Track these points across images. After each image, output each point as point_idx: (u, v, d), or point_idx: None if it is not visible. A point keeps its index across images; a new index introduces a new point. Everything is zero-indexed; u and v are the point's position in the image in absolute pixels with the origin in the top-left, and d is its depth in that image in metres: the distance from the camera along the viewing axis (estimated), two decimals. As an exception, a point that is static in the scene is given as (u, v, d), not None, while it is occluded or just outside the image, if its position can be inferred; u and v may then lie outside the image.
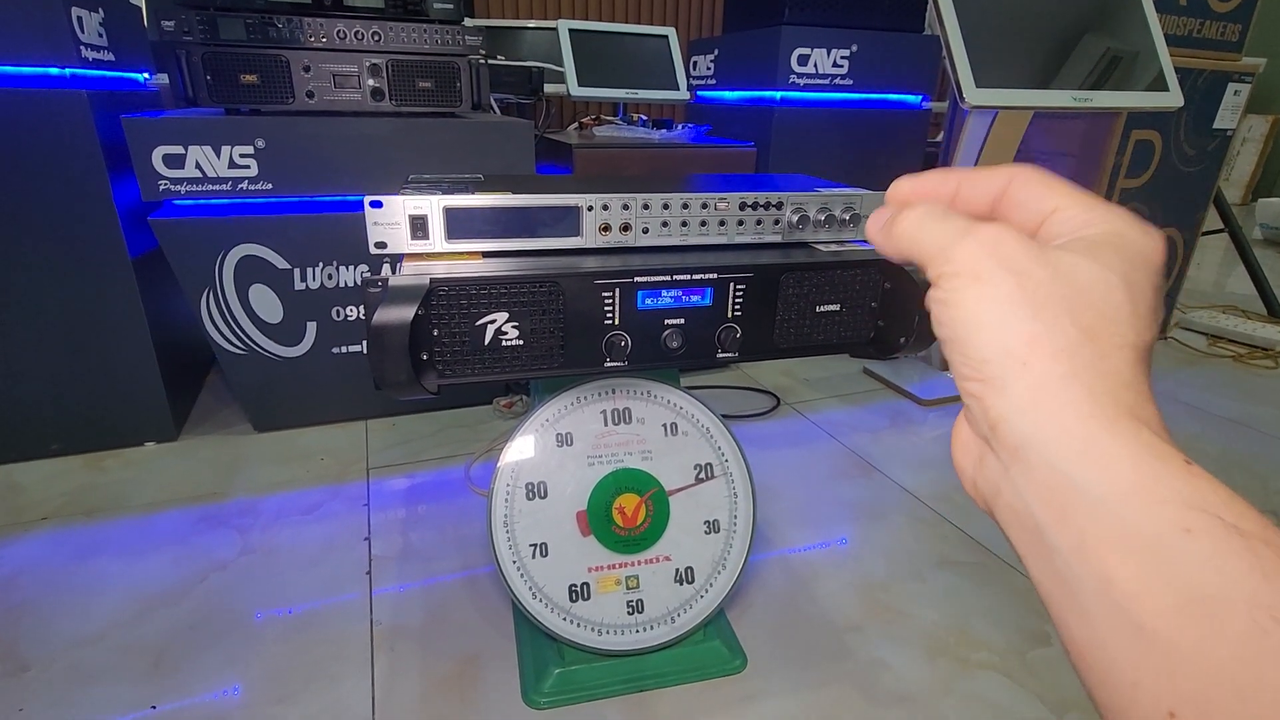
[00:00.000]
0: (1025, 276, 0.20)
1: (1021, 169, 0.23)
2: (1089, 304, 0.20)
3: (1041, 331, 0.19)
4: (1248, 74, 1.44)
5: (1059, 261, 0.20)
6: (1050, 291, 0.20)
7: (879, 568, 0.82)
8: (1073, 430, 0.18)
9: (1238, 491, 0.18)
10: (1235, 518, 0.17)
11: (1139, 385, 0.19)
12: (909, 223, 0.23)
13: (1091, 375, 0.19)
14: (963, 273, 0.21)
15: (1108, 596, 0.17)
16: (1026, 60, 1.06)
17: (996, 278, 0.20)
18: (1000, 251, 0.20)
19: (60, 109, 0.86)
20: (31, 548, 0.82)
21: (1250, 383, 1.39)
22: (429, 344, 0.46)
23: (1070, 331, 0.19)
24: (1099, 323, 0.19)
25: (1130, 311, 0.20)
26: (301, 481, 0.97)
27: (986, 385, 0.20)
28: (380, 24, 0.97)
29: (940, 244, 0.22)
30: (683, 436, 0.63)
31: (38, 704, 0.62)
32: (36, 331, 0.95)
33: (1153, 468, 0.18)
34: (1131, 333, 0.20)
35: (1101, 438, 0.18)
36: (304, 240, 1.00)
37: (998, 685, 0.65)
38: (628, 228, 0.52)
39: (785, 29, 1.43)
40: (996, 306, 0.20)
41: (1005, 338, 0.20)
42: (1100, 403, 0.19)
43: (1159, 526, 0.17)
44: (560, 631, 0.61)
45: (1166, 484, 0.17)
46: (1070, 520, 0.18)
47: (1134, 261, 0.20)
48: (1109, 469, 0.18)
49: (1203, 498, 0.17)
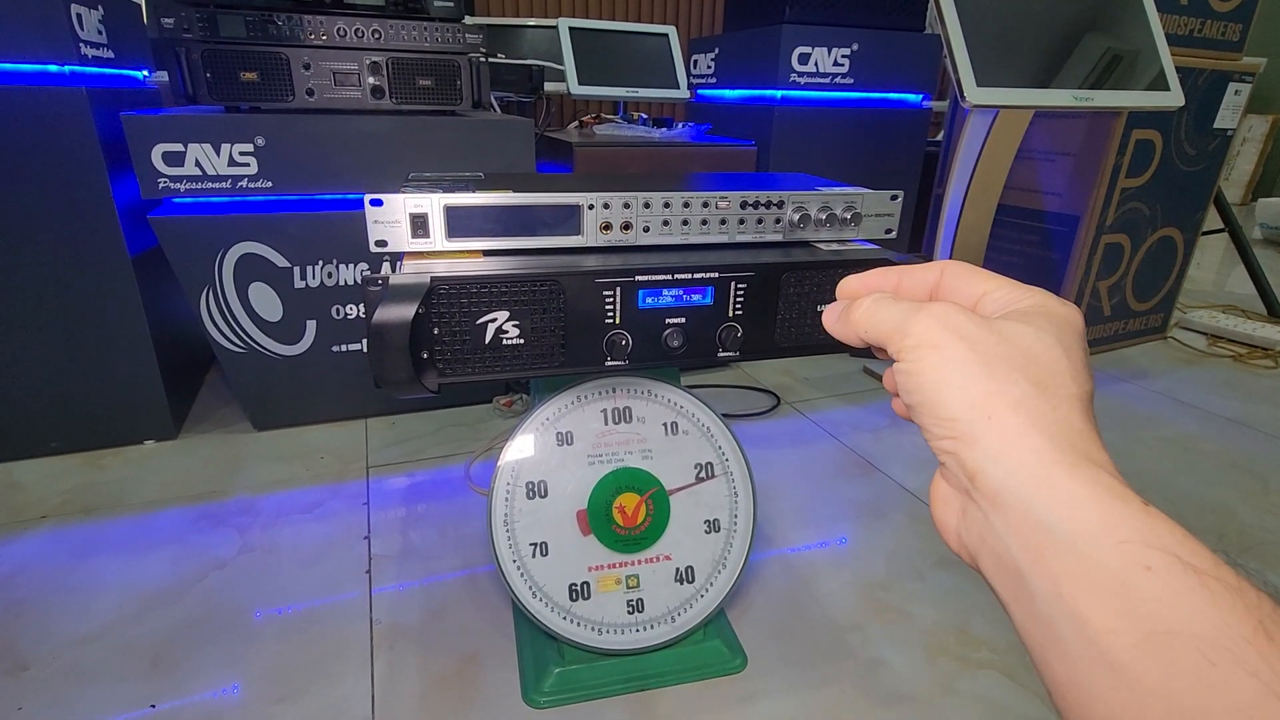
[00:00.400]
0: (975, 342, 0.23)
1: (950, 263, 0.27)
2: (1034, 362, 0.22)
3: (998, 388, 0.22)
4: (1248, 74, 1.44)
5: (1002, 329, 0.23)
6: (999, 353, 0.22)
7: (879, 567, 0.82)
8: (1040, 475, 0.20)
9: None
10: (1190, 555, 0.18)
11: (1089, 432, 0.21)
12: (864, 309, 0.27)
13: (1048, 424, 0.21)
14: (921, 343, 0.23)
15: (1083, 634, 0.19)
16: (1027, 59, 1.06)
17: (951, 344, 0.23)
18: (950, 323, 0.23)
19: (60, 106, 0.86)
20: (31, 546, 0.82)
21: (1250, 383, 1.39)
22: (429, 342, 0.46)
23: (1023, 386, 0.22)
24: (1046, 378, 0.22)
25: (1068, 367, 0.22)
26: (301, 480, 0.97)
27: (959, 441, 0.22)
28: (381, 22, 0.97)
29: (896, 322, 0.25)
30: (683, 435, 0.63)
31: (37, 703, 0.62)
32: (36, 329, 0.94)
33: (1114, 508, 0.19)
34: (1074, 385, 0.22)
35: (1065, 481, 0.20)
36: (304, 238, 1.00)
37: (998, 684, 0.65)
38: (629, 226, 0.52)
39: (786, 28, 1.42)
40: (956, 369, 0.22)
41: (968, 395, 0.22)
42: (1060, 449, 0.20)
43: (1122, 564, 0.18)
44: (560, 631, 0.61)
45: (1128, 524, 0.19)
46: (1046, 561, 0.20)
47: (1062, 327, 0.23)
48: (1075, 510, 0.19)
49: (1160, 537, 0.18)
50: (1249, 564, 0.83)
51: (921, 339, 0.23)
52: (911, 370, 0.24)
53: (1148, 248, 1.49)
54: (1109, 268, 1.45)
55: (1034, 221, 1.45)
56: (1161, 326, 1.64)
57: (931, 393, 0.23)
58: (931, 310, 0.24)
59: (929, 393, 0.23)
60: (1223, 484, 1.00)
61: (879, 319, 0.26)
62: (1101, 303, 1.48)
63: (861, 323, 0.27)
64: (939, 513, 0.26)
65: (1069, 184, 1.37)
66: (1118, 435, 1.16)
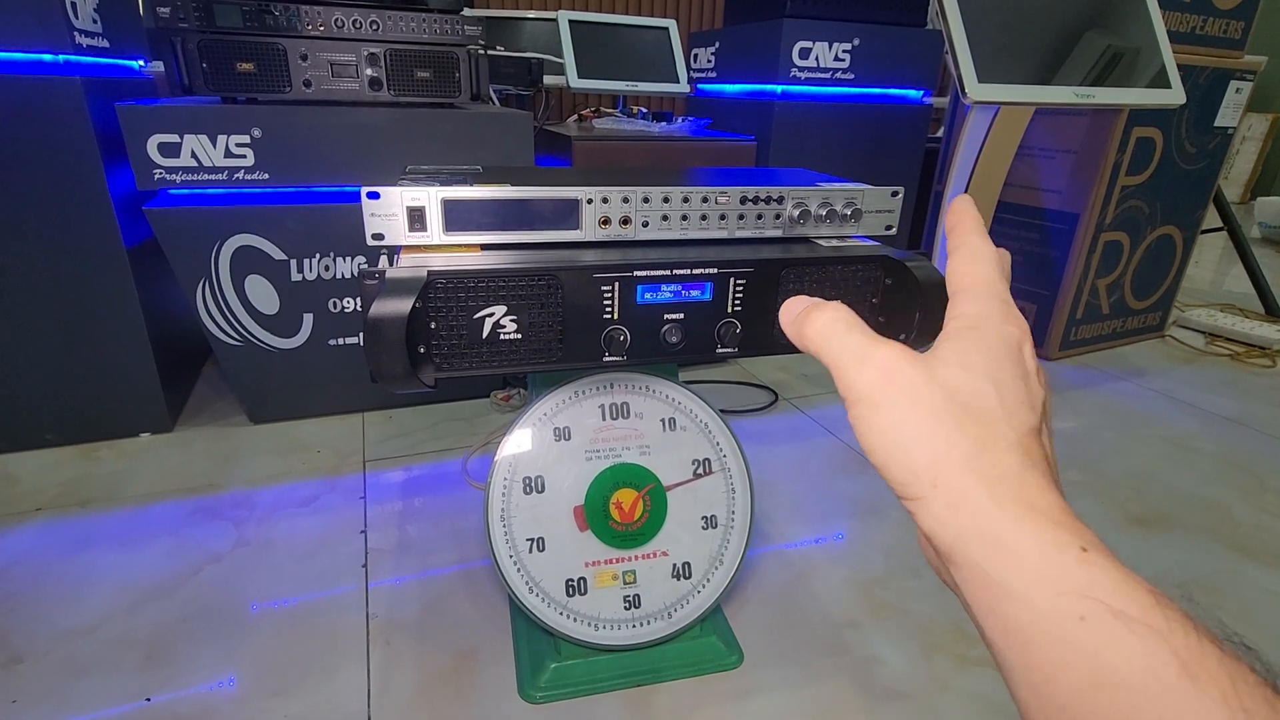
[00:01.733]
0: (916, 400, 0.23)
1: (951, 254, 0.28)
2: (972, 417, 0.22)
3: (940, 451, 0.22)
4: (1250, 72, 1.43)
5: (943, 379, 0.23)
6: (939, 411, 0.22)
7: (876, 563, 0.82)
8: (986, 534, 0.21)
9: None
10: (1122, 603, 0.19)
11: (1031, 479, 0.22)
12: (817, 329, 0.26)
13: (989, 481, 0.21)
14: (863, 400, 0.24)
15: (1029, 683, 0.20)
16: (1029, 56, 1.06)
17: (893, 406, 0.23)
18: (892, 379, 0.23)
19: (54, 96, 0.85)
20: (25, 538, 0.82)
21: (1247, 381, 1.39)
22: (426, 337, 0.45)
23: (964, 446, 0.22)
24: (983, 431, 0.22)
25: (1004, 414, 0.23)
26: (297, 474, 0.97)
27: (914, 504, 0.23)
28: (379, 13, 0.96)
29: (843, 364, 0.25)
30: (681, 432, 0.63)
31: (31, 695, 0.61)
32: (30, 321, 0.94)
33: (1052, 559, 0.20)
34: (1011, 432, 0.22)
35: (1006, 536, 0.21)
36: (301, 231, 0.99)
37: (994, 682, 0.65)
38: (627, 221, 0.52)
39: (787, 22, 1.42)
40: (898, 433, 0.23)
41: (912, 463, 0.22)
42: (1002, 503, 0.21)
43: (1059, 616, 0.19)
44: (557, 626, 0.61)
45: (1065, 575, 0.20)
46: (997, 614, 0.21)
47: (999, 360, 0.24)
48: (1016, 564, 0.20)
49: (1092, 585, 0.19)
50: (1245, 565, 0.83)
51: (863, 396, 0.24)
52: (859, 430, 0.24)
53: (1147, 246, 1.49)
54: (1108, 266, 1.45)
55: (1034, 219, 1.45)
56: (1160, 325, 1.64)
57: (881, 455, 0.23)
58: (876, 360, 0.24)
59: (879, 455, 0.23)
60: (1219, 482, 1.00)
61: (829, 345, 0.25)
62: (1100, 300, 1.48)
63: (814, 340, 0.26)
64: (924, 550, 0.26)
65: (1069, 181, 1.37)
66: (1115, 433, 1.16)
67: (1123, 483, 1.01)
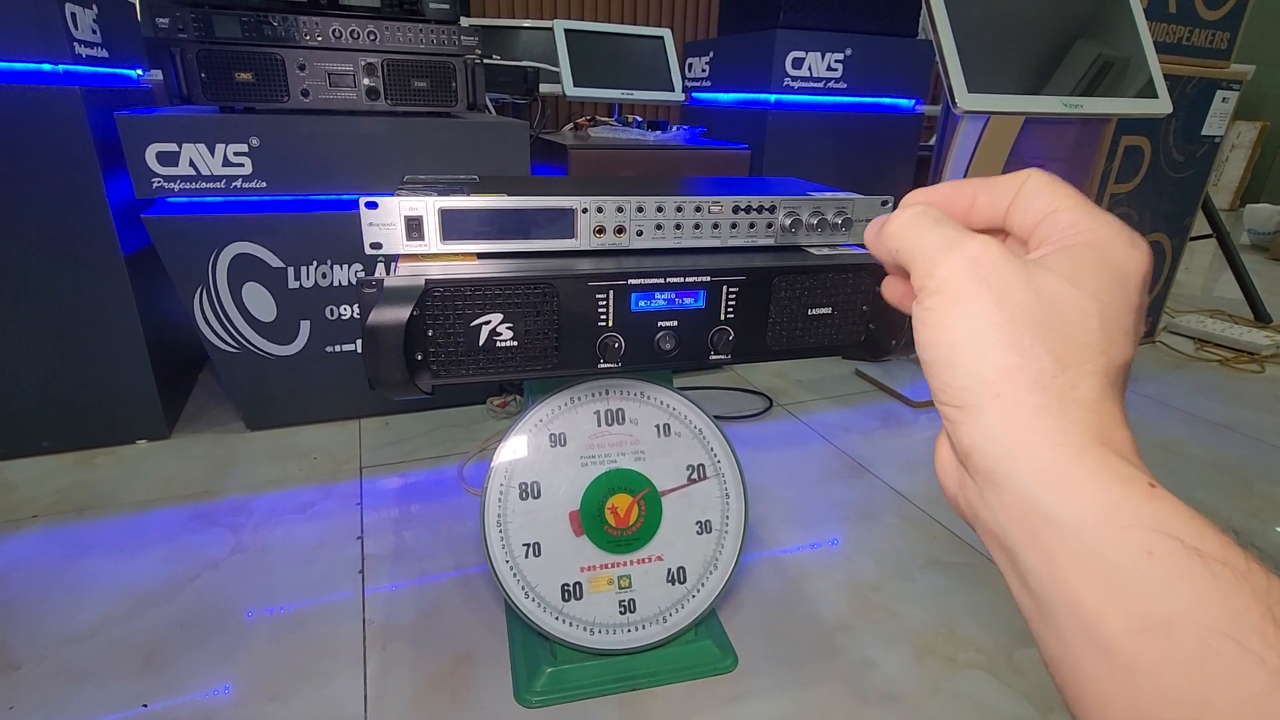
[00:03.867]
0: (1005, 297, 0.20)
1: (1033, 173, 0.24)
2: (1064, 331, 0.20)
3: (1016, 362, 0.20)
4: (1236, 81, 1.45)
5: (1041, 284, 0.20)
6: (1026, 316, 0.20)
7: (869, 568, 0.82)
8: (1042, 458, 0.19)
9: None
10: (1196, 539, 0.17)
11: (1108, 409, 0.20)
12: (900, 222, 0.23)
13: (1062, 404, 0.19)
14: (944, 290, 0.21)
15: (1077, 617, 0.18)
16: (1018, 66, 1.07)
17: (976, 298, 0.20)
18: (982, 270, 0.21)
19: (53, 106, 0.86)
20: (22, 545, 0.82)
21: (1236, 387, 1.40)
22: (424, 344, 0.46)
23: (1044, 361, 0.20)
24: (1072, 350, 0.20)
25: (1102, 338, 0.20)
26: (294, 480, 0.97)
27: (962, 411, 0.21)
28: (376, 23, 0.97)
29: (927, 254, 0.22)
30: (675, 437, 0.63)
31: (28, 702, 0.62)
32: (28, 328, 0.94)
33: (1118, 493, 0.18)
34: (1103, 359, 0.20)
35: (1069, 466, 0.19)
36: (298, 239, 1.00)
37: (985, 684, 0.66)
38: (622, 230, 0.53)
39: (780, 32, 1.43)
40: (974, 331, 0.20)
41: (981, 367, 0.20)
42: (1069, 431, 0.19)
43: (1123, 550, 0.17)
44: (552, 630, 0.61)
45: (1130, 508, 0.18)
46: (1041, 543, 0.19)
47: (1114, 280, 0.21)
48: (1076, 495, 0.18)
49: (1165, 521, 0.17)
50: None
51: (945, 284, 0.21)
52: (927, 320, 0.22)
53: (1136, 253, 1.51)
54: (1098, 272, 1.46)
55: (1024, 226, 1.46)
56: (1149, 331, 1.66)
57: (944, 351, 0.21)
58: (967, 248, 0.21)
59: (941, 350, 0.21)
60: (1208, 486, 1.01)
61: (913, 237, 0.23)
62: (1091, 307, 1.50)
63: (896, 236, 0.23)
64: (941, 474, 0.24)
65: (1059, 189, 1.38)
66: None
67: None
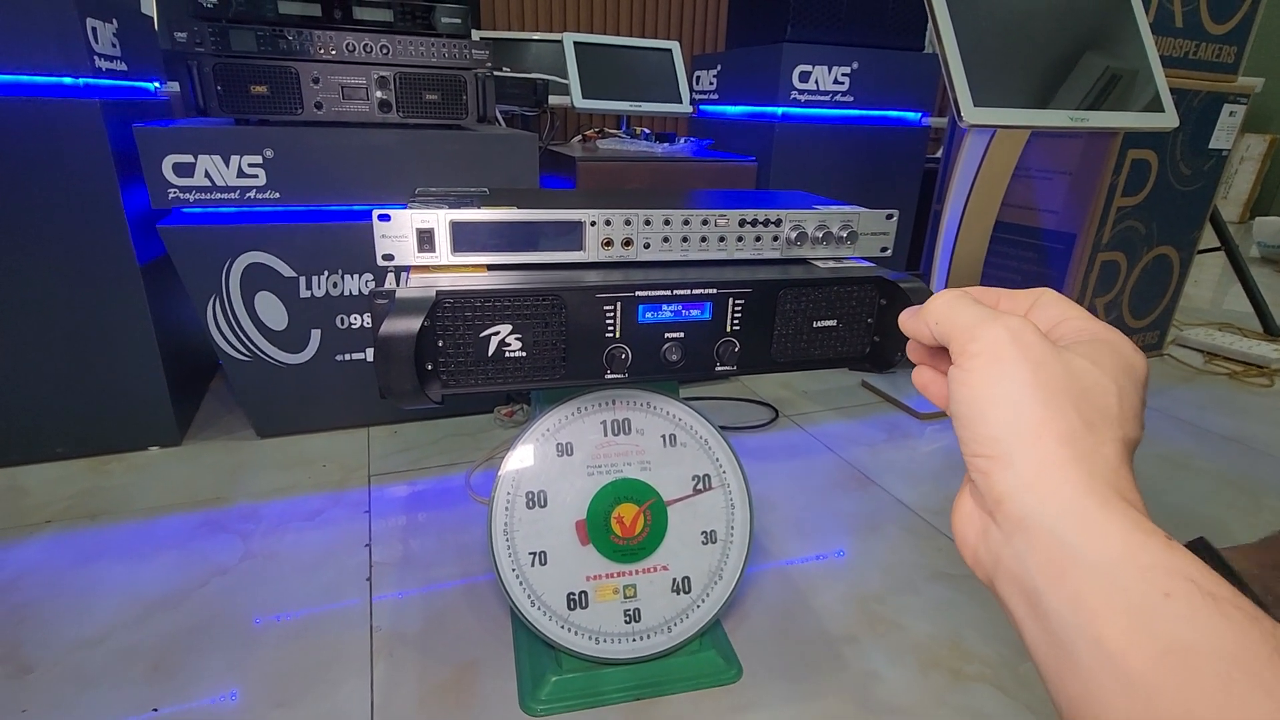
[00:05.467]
0: (1041, 366, 0.23)
1: (1047, 290, 0.28)
2: (1090, 401, 0.23)
3: (1051, 417, 0.22)
4: (1243, 95, 1.46)
5: (1070, 360, 0.24)
6: (1061, 384, 0.23)
7: (874, 580, 0.82)
8: (1072, 504, 0.21)
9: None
10: (1210, 585, 0.19)
11: (1125, 473, 0.22)
12: (942, 301, 0.27)
13: (1090, 461, 0.22)
14: (985, 352, 0.24)
15: (1099, 651, 0.20)
16: (1024, 80, 1.08)
17: (1016, 362, 0.23)
18: (1023, 339, 0.24)
19: (73, 118, 0.88)
20: (35, 550, 0.83)
21: (1245, 400, 1.40)
22: (434, 355, 0.47)
23: (1075, 421, 0.22)
24: (1097, 418, 0.23)
25: (1120, 413, 0.23)
26: (303, 487, 0.98)
27: (994, 461, 0.23)
28: (389, 37, 0.99)
29: (969, 324, 0.25)
30: (681, 448, 0.64)
31: (40, 706, 0.62)
32: (44, 334, 0.96)
33: (1140, 540, 0.20)
34: (1120, 430, 0.23)
35: (1097, 513, 0.21)
36: (310, 249, 1.01)
37: (990, 698, 0.66)
38: (630, 242, 0.53)
39: (787, 46, 1.45)
40: (1013, 388, 0.23)
41: (1017, 418, 0.23)
42: (1096, 484, 0.21)
43: (1144, 589, 0.19)
44: (558, 639, 0.62)
45: (1151, 554, 0.20)
46: (1067, 583, 0.21)
47: (1126, 371, 0.24)
48: (1103, 539, 0.20)
49: (1182, 567, 0.19)
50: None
51: (987, 347, 0.24)
52: (967, 379, 0.24)
53: (1144, 266, 1.51)
54: (1105, 285, 1.47)
55: (1031, 239, 1.46)
56: (1158, 344, 1.65)
57: (982, 406, 0.23)
58: (1007, 321, 0.24)
59: (979, 405, 0.23)
60: (1216, 501, 1.01)
61: (954, 313, 0.26)
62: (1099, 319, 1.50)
63: (936, 313, 0.27)
64: (959, 527, 0.26)
65: (1065, 202, 1.39)
66: (1113, 451, 1.16)
67: (1121, 501, 1.01)
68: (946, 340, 0.26)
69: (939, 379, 0.30)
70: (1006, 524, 0.23)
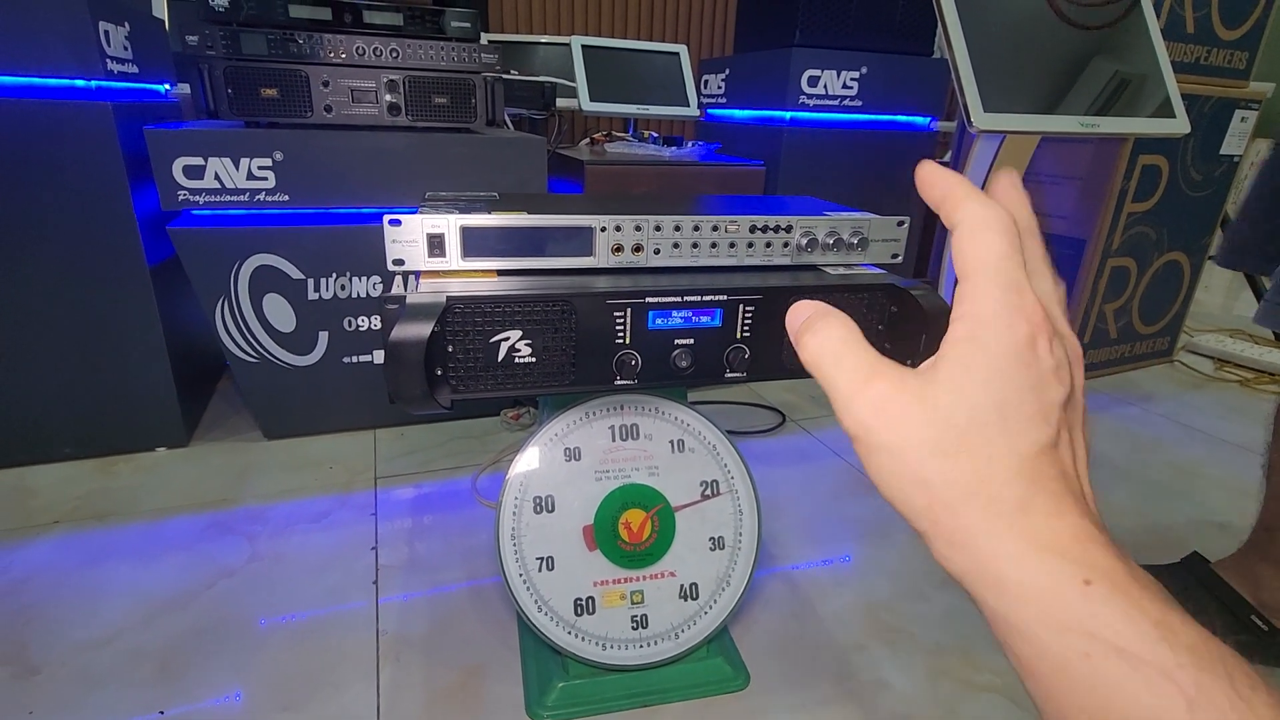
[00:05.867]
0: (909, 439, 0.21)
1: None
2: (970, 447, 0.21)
3: (937, 490, 0.21)
4: (1255, 100, 1.45)
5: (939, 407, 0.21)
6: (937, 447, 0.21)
7: (883, 587, 0.82)
8: (985, 570, 0.20)
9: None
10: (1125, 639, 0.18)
11: (1039, 504, 0.20)
12: (812, 351, 0.24)
13: (988, 516, 0.20)
14: (859, 439, 0.23)
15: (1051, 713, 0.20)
16: (1034, 85, 1.07)
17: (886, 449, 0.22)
18: (886, 417, 0.22)
19: (85, 120, 0.88)
20: (43, 551, 0.83)
21: (1257, 407, 1.39)
22: (444, 360, 0.47)
23: (961, 482, 0.21)
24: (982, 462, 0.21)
25: (1005, 438, 0.21)
26: (310, 489, 0.98)
27: (924, 535, 0.22)
28: (399, 40, 0.99)
29: (836, 395, 0.23)
30: (689, 453, 0.64)
31: (47, 707, 0.62)
32: (53, 335, 0.96)
33: (1053, 595, 0.19)
34: (1013, 458, 0.21)
35: (1007, 573, 0.20)
36: (318, 251, 1.01)
37: (1001, 709, 0.65)
38: (639, 248, 0.53)
39: (796, 50, 1.44)
40: (894, 475, 0.22)
41: (911, 502, 0.22)
42: (1000, 540, 0.20)
43: (1065, 652, 0.19)
44: (564, 645, 0.61)
45: (1066, 610, 0.19)
46: (1009, 646, 0.20)
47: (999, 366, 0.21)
48: (1019, 600, 0.20)
49: (1096, 620, 0.19)
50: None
51: (857, 434, 0.23)
52: (865, 466, 0.23)
53: (1154, 271, 1.50)
54: (1115, 291, 1.46)
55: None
56: (1168, 350, 1.64)
57: (884, 492, 0.23)
58: (869, 395, 0.22)
59: (882, 491, 0.23)
60: (1228, 510, 1.00)
61: (824, 372, 0.24)
62: (1108, 325, 1.49)
63: (810, 360, 0.24)
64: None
65: (1075, 207, 1.38)
66: (1122, 458, 1.16)
67: (1130, 509, 1.01)
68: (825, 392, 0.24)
69: None
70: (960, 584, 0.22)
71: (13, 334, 0.94)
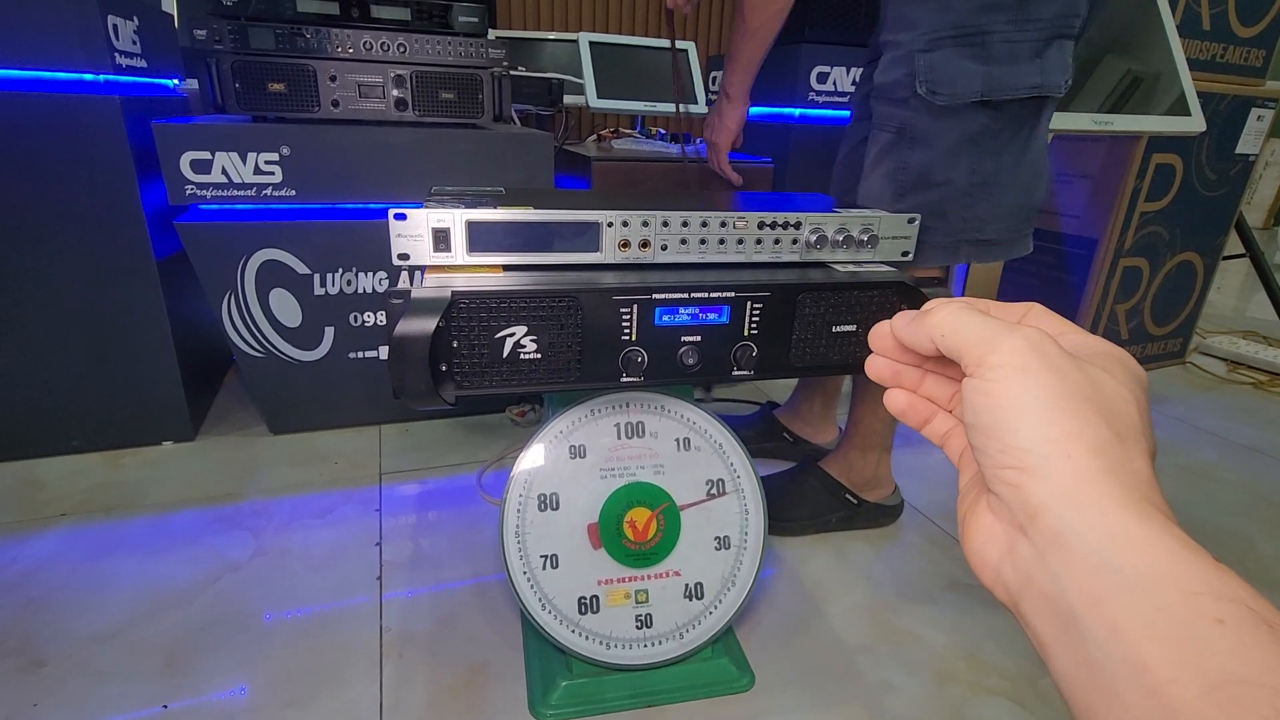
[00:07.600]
0: (1065, 375, 0.22)
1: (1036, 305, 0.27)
2: (1114, 411, 0.22)
3: (1081, 428, 0.21)
4: (1271, 99, 1.43)
5: (1089, 370, 0.22)
6: (1085, 394, 0.22)
7: (889, 588, 0.81)
8: (1112, 520, 0.20)
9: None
10: (1265, 611, 0.18)
11: (1157, 487, 0.21)
12: (947, 313, 0.25)
13: (1123, 473, 0.21)
14: (1008, 364, 0.23)
15: (1142, 683, 0.18)
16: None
17: (1041, 371, 0.22)
18: (1044, 349, 0.22)
19: (94, 114, 0.88)
20: (50, 543, 0.83)
21: (1271, 410, 1.37)
22: (448, 355, 0.46)
23: (1104, 432, 0.21)
24: (1123, 429, 0.22)
25: (1140, 423, 0.22)
26: (315, 485, 0.98)
27: (1025, 474, 0.22)
28: (406, 36, 0.99)
29: (984, 335, 0.24)
30: (695, 452, 0.63)
31: (52, 700, 0.62)
32: (61, 328, 0.96)
33: (1186, 559, 0.19)
34: (1145, 441, 0.22)
35: (1138, 529, 0.20)
36: (325, 246, 1.01)
37: (1008, 712, 0.64)
38: (647, 244, 0.53)
39: (805, 47, 1.43)
40: (1040, 398, 0.22)
41: (1047, 429, 0.21)
42: (1133, 498, 0.20)
43: (1192, 615, 0.18)
44: (568, 644, 0.61)
45: (1199, 576, 0.18)
46: (1106, 606, 0.19)
47: (1137, 382, 0.23)
48: (1146, 558, 0.19)
49: (1233, 591, 0.18)
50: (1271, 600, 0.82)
51: (1009, 359, 0.22)
52: (990, 390, 0.23)
53: (1167, 272, 1.48)
54: (1127, 291, 1.44)
55: (1052, 244, 1.44)
56: (1180, 351, 1.62)
57: (1008, 417, 0.22)
58: (1026, 332, 0.23)
59: (1003, 415, 0.22)
60: (1242, 514, 0.99)
61: (963, 325, 0.24)
62: (1119, 326, 1.47)
63: (943, 325, 0.25)
64: (978, 546, 0.24)
65: (1087, 207, 1.37)
66: (1134, 461, 1.14)
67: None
68: (956, 352, 0.25)
69: (920, 403, 0.29)
70: (1041, 539, 0.21)
71: (21, 327, 0.95)
